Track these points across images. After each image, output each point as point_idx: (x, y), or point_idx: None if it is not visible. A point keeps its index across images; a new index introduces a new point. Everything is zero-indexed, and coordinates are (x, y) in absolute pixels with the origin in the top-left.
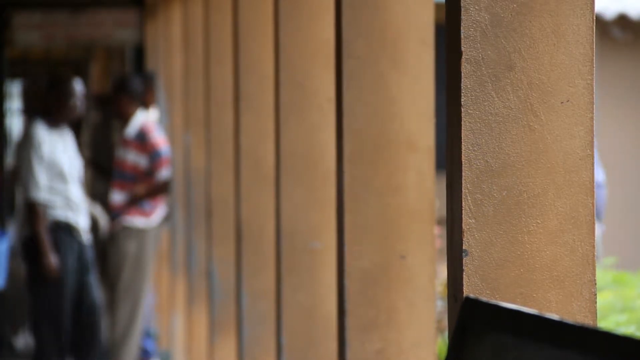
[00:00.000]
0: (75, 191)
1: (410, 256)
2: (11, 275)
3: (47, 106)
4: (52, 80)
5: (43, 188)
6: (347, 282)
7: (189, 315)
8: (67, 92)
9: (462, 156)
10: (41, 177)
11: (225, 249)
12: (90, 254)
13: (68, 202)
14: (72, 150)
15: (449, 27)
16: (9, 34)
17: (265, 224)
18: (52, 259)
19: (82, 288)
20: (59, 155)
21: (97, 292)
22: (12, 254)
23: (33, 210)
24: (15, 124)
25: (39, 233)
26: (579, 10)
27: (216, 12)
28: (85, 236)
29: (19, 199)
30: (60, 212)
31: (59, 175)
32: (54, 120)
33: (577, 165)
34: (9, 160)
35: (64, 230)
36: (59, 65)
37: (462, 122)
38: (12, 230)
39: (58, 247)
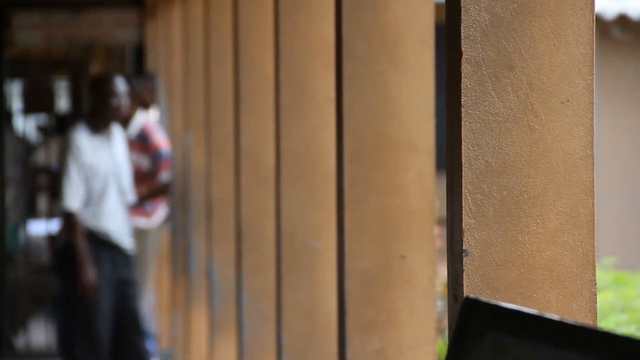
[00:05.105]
0: (113, 199)
1: (410, 256)
2: (10, 277)
3: (90, 109)
4: (92, 81)
5: (80, 197)
6: (347, 282)
7: (189, 315)
8: (109, 92)
9: (462, 156)
10: (79, 185)
11: (225, 249)
12: (131, 264)
13: (103, 211)
14: (119, 155)
15: (449, 27)
16: (9, 34)
17: (265, 224)
18: (90, 273)
19: (122, 299)
20: (101, 161)
21: (138, 304)
22: (9, 259)
23: (70, 221)
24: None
25: (76, 245)
26: (579, 10)
27: (216, 12)
28: (126, 245)
29: (58, 207)
30: (93, 221)
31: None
32: (98, 124)
33: (577, 165)
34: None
35: (97, 241)
36: (59, 65)
37: (462, 122)
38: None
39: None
